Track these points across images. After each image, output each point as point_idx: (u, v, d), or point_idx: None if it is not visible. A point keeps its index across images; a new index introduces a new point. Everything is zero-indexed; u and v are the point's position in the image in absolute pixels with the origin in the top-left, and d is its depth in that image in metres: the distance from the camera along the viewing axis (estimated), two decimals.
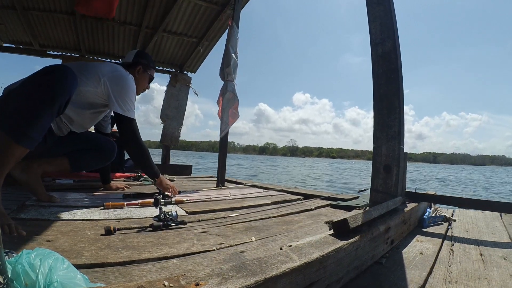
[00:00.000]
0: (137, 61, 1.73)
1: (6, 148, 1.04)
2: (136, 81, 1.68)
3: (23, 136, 1.05)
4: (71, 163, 1.62)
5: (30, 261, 0.50)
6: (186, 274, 0.52)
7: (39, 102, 1.09)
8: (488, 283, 0.86)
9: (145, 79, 1.78)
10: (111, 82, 1.47)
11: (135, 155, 1.66)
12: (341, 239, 0.83)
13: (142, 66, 1.73)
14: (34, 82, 1.14)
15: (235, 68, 2.71)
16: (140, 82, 1.74)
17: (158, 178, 1.75)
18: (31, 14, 3.44)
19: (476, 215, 1.85)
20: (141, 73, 1.74)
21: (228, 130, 2.73)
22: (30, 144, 1.08)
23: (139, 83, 1.73)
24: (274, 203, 1.87)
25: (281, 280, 0.58)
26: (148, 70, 1.77)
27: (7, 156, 1.05)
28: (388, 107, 1.48)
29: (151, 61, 1.81)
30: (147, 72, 1.77)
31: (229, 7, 3.36)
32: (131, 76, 1.59)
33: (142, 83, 1.77)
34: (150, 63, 1.79)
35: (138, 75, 1.72)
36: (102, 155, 1.73)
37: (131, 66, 1.70)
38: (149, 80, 1.82)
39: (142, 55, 1.77)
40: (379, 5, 1.53)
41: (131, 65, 1.71)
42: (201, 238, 1.07)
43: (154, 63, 1.84)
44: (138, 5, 3.52)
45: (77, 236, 1.00)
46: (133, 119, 1.56)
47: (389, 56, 1.49)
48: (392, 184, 1.43)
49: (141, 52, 1.81)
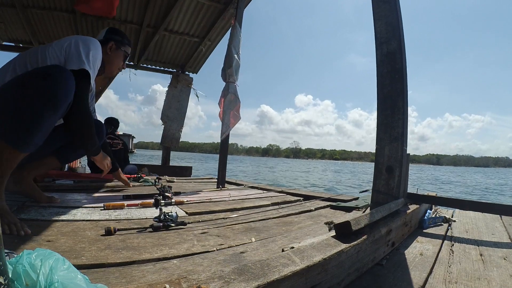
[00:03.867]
0: (109, 38, 1.56)
1: (7, 156, 1.02)
2: (110, 60, 1.55)
3: (25, 145, 1.02)
4: (59, 158, 1.57)
5: (31, 261, 0.49)
6: (188, 277, 0.51)
7: (42, 111, 1.04)
8: (488, 283, 0.86)
9: (119, 57, 1.61)
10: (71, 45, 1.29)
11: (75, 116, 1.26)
12: (343, 241, 0.83)
13: (115, 42, 1.57)
14: (33, 86, 1.05)
15: (237, 69, 2.70)
16: (114, 60, 1.58)
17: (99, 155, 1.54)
18: (30, 12, 3.44)
19: (476, 216, 1.85)
20: (114, 50, 1.57)
21: (229, 132, 2.73)
22: (32, 149, 1.07)
23: (113, 61, 1.58)
24: (274, 204, 1.86)
25: (283, 283, 0.57)
26: (122, 47, 1.60)
27: (9, 162, 1.03)
28: (392, 107, 1.47)
29: (126, 38, 1.64)
30: (121, 49, 1.59)
31: (232, 5, 3.35)
32: (95, 40, 1.41)
33: (116, 61, 1.60)
34: (124, 39, 1.62)
35: (110, 52, 1.56)
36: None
37: (102, 44, 1.51)
38: (124, 58, 1.65)
39: (114, 31, 1.61)
40: (385, 3, 1.51)
41: (102, 43, 1.53)
42: (201, 238, 1.07)
43: (129, 40, 1.67)
44: (139, 3, 3.51)
45: (77, 236, 0.99)
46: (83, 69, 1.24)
47: (394, 55, 1.48)
48: (394, 186, 1.42)
49: (113, 28, 1.65)
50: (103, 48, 1.51)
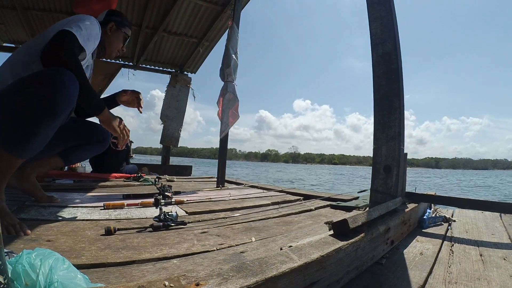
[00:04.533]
0: (109, 19, 1.51)
1: (5, 161, 1.01)
2: (110, 40, 1.50)
3: (23, 151, 1.01)
4: (63, 159, 1.56)
5: (31, 261, 0.50)
6: (187, 274, 0.52)
7: (40, 117, 0.99)
8: (487, 284, 0.87)
9: (119, 38, 1.56)
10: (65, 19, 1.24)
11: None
12: (341, 239, 0.83)
13: (115, 23, 1.52)
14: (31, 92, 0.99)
15: (235, 68, 2.71)
16: (113, 41, 1.53)
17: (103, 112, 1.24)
18: (31, 14, 3.45)
19: (476, 216, 1.86)
20: (114, 31, 1.52)
21: (228, 130, 2.74)
22: (32, 155, 1.05)
23: (112, 42, 1.53)
24: (274, 203, 1.87)
25: (281, 280, 0.58)
26: (122, 28, 1.54)
27: (7, 168, 1.02)
28: (388, 107, 1.48)
29: (125, 19, 1.59)
30: (121, 30, 1.54)
31: (229, 7, 3.37)
32: (93, 17, 1.35)
33: (116, 43, 1.55)
34: (124, 20, 1.57)
35: (110, 33, 1.50)
36: (95, 148, 1.61)
37: (102, 25, 1.46)
38: (124, 40, 1.59)
39: (114, 13, 1.57)
40: (380, 5, 1.53)
41: (102, 24, 1.47)
42: (201, 238, 1.07)
43: (129, 22, 1.61)
44: (138, 4, 3.53)
45: (77, 236, 1.00)
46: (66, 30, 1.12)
47: (389, 56, 1.50)
48: (392, 185, 1.43)
49: (114, 10, 1.60)
50: (103, 29, 1.46)
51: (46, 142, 1.07)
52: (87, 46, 1.22)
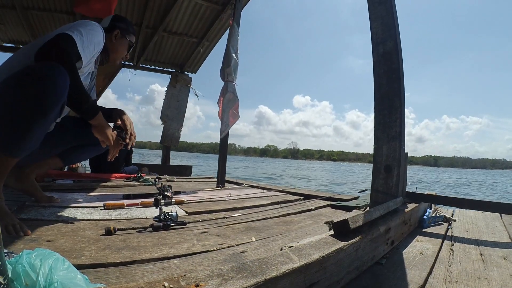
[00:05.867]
0: (114, 25, 1.50)
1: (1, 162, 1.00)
2: (114, 48, 1.50)
3: (17, 151, 1.00)
4: (62, 160, 1.57)
5: (31, 261, 0.50)
6: (186, 275, 0.52)
7: (31, 115, 0.97)
8: (488, 283, 0.86)
9: (124, 46, 1.56)
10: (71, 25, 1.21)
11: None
12: (342, 239, 0.83)
13: (120, 30, 1.51)
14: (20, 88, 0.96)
15: (236, 68, 2.70)
16: (118, 48, 1.53)
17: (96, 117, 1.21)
18: (31, 13, 3.45)
19: (476, 215, 1.85)
20: (119, 39, 1.52)
21: (228, 130, 2.73)
22: (26, 153, 1.04)
23: (117, 49, 1.53)
24: (274, 203, 1.87)
25: (281, 281, 0.58)
26: (127, 35, 1.55)
27: (1, 166, 1.02)
28: (389, 107, 1.48)
29: (131, 26, 1.58)
30: (126, 38, 1.54)
31: (229, 6, 3.36)
32: (97, 24, 1.34)
33: (120, 50, 1.55)
34: (130, 28, 1.57)
35: (115, 41, 1.50)
36: (95, 149, 1.59)
37: (107, 31, 1.45)
38: (129, 47, 1.60)
39: (119, 19, 1.56)
40: (381, 4, 1.53)
41: (107, 30, 1.47)
42: (201, 238, 1.07)
43: (134, 29, 1.61)
44: (138, 4, 3.53)
45: (77, 236, 1.00)
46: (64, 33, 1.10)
47: (390, 55, 1.49)
48: (393, 185, 1.43)
49: (119, 15, 1.60)
50: (108, 35, 1.45)
51: (40, 139, 1.05)
52: (85, 53, 1.20)
